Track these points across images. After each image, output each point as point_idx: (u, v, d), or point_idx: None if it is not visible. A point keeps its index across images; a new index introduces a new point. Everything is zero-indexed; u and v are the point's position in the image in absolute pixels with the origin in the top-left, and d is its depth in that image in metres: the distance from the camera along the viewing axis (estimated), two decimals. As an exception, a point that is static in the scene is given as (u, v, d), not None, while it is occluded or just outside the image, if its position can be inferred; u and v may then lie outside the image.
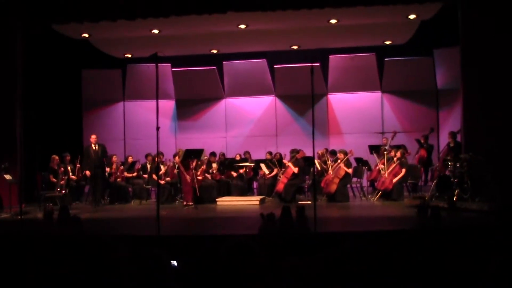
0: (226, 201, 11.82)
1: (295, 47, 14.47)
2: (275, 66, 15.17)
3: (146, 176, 12.78)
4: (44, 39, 12.94)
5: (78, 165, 12.33)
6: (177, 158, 11.92)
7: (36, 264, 1.91)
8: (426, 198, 10.23)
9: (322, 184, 11.82)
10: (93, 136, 12.03)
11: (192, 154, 11.54)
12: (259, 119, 15.67)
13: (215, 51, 14.74)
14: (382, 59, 14.67)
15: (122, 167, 12.82)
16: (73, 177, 12.17)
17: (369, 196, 12.17)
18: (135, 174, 12.91)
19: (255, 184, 13.64)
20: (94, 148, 11.84)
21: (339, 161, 11.91)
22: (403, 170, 11.57)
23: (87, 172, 11.72)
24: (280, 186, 11.90)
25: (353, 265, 1.24)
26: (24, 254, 2.04)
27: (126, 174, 12.86)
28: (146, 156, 13.02)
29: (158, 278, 1.98)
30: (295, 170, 11.80)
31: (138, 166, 13.13)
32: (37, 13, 11.12)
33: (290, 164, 11.97)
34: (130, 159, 13.18)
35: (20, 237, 6.28)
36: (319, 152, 12.69)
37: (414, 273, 2.15)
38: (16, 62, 12.10)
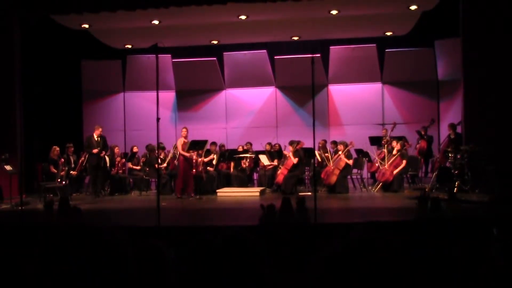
0: (226, 192, 11.82)
1: (295, 38, 14.41)
2: (275, 57, 15.11)
3: (148, 169, 12.75)
4: (43, 30, 12.89)
5: (82, 159, 12.24)
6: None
7: (36, 255, 1.91)
8: (427, 190, 10.23)
9: (322, 175, 11.82)
10: (100, 129, 11.98)
11: (197, 145, 11.56)
12: (259, 110, 15.63)
13: (215, 42, 14.71)
14: (383, 50, 14.61)
15: (123, 159, 12.79)
16: (73, 172, 12.10)
17: (370, 187, 12.18)
18: (139, 167, 12.87)
19: (255, 175, 13.64)
20: (96, 139, 11.82)
21: (339, 152, 11.90)
22: (404, 162, 11.57)
23: (95, 151, 11.68)
24: (280, 178, 11.89)
25: (358, 257, 1.23)
26: (25, 245, 2.04)
27: (130, 165, 12.83)
28: (147, 146, 12.99)
29: (158, 269, 1.97)
30: (295, 160, 11.78)
31: (142, 159, 13.06)
32: (36, 3, 11.06)
33: (290, 154, 11.94)
34: (135, 149, 13.10)
35: (21, 228, 6.29)
36: (320, 143, 12.69)
37: (414, 264, 2.14)
38: (15, 53, 12.06)
